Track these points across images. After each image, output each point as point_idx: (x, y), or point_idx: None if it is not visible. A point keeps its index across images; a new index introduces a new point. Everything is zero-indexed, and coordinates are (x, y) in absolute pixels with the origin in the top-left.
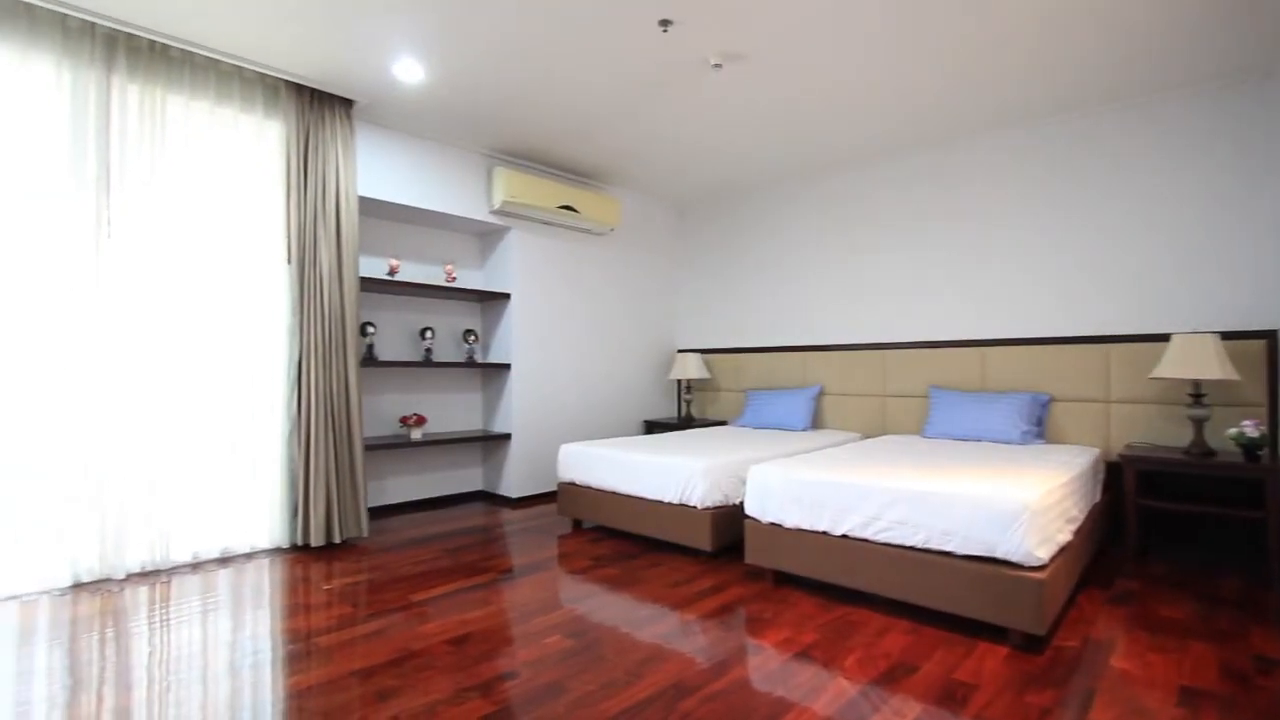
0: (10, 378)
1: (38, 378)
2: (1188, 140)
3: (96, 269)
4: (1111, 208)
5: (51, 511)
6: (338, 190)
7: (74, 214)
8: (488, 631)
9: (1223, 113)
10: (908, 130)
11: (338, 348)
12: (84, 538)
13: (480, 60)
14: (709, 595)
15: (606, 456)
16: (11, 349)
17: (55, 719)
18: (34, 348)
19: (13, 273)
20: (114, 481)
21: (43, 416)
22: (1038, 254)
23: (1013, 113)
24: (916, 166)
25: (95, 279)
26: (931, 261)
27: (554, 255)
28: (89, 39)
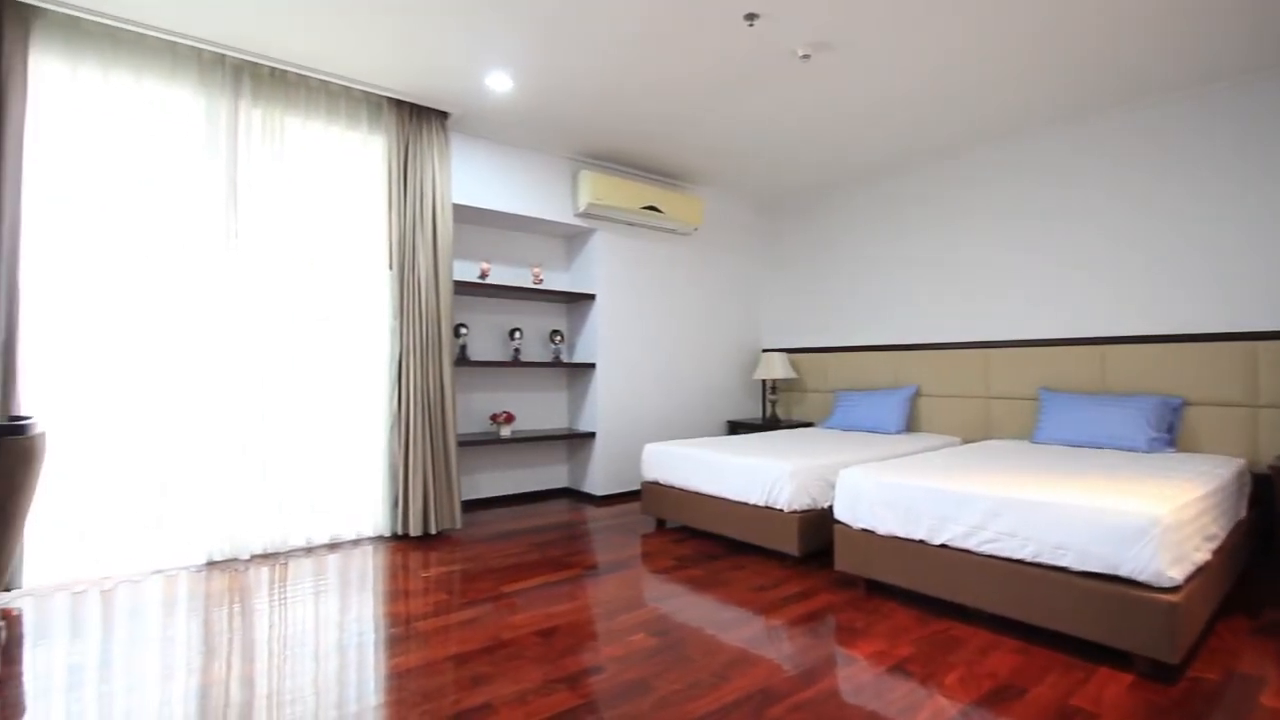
0: (151, 377)
1: (175, 377)
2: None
3: (225, 275)
4: (1254, 190)
5: (188, 497)
6: (434, 199)
7: (208, 224)
8: (574, 625)
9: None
10: (1008, 117)
11: (433, 348)
12: (215, 522)
13: (566, 67)
14: (796, 601)
15: (691, 456)
16: (152, 351)
17: (192, 684)
18: (171, 349)
19: (155, 278)
20: (240, 471)
21: (180, 412)
22: (1165, 242)
23: (1132, 92)
24: (1020, 153)
25: (224, 284)
26: (1040, 254)
27: (638, 256)
28: (220, 69)
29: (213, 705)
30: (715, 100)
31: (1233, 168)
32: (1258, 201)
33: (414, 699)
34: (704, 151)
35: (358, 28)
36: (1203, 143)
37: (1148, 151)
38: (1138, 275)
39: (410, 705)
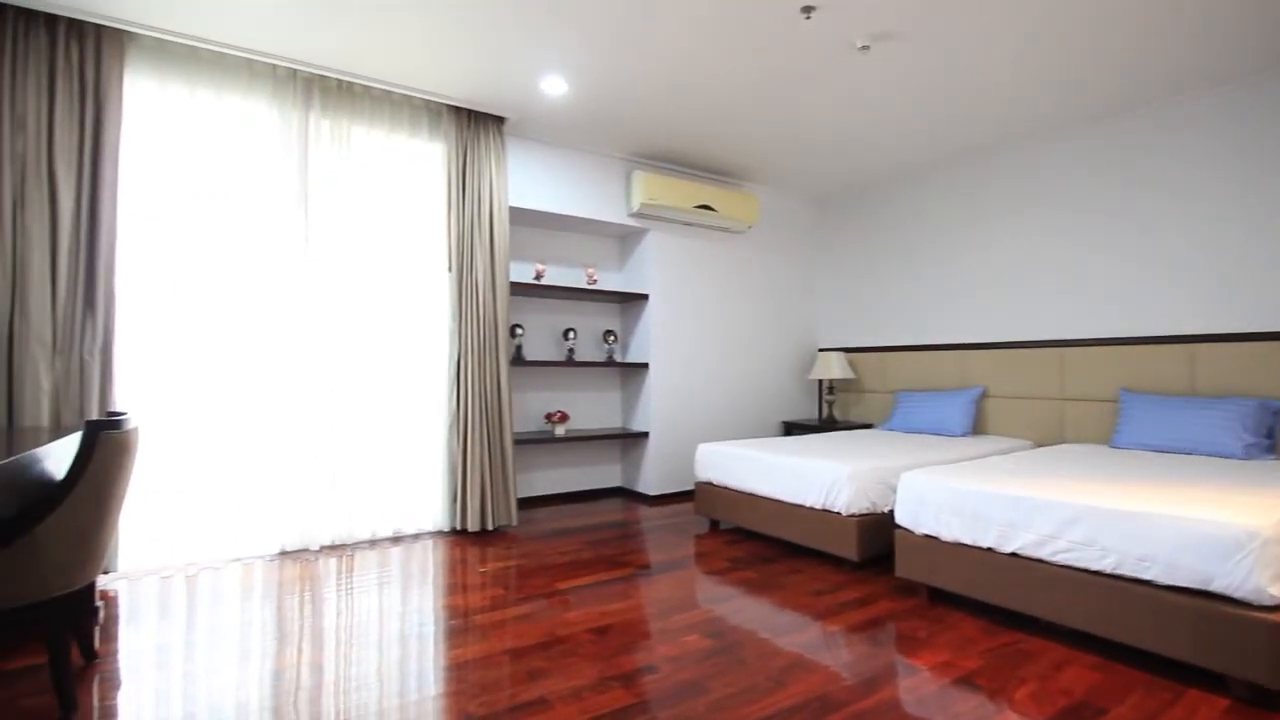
0: (231, 378)
1: (252, 377)
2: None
3: (298, 279)
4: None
5: (263, 491)
6: (491, 202)
7: (283, 231)
8: (628, 624)
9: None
10: (1082, 105)
11: (490, 348)
12: (288, 514)
13: (620, 68)
14: (855, 607)
15: (745, 457)
16: (231, 352)
17: (267, 667)
18: (248, 351)
19: (234, 282)
20: (311, 466)
21: (256, 409)
22: (1265, 233)
23: (1221, 76)
24: (1091, 143)
25: (297, 288)
26: (1119, 247)
27: (691, 255)
28: (292, 83)
29: (285, 688)
30: (771, 96)
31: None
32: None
33: (472, 690)
34: (759, 149)
35: (419, 40)
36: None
37: (1239, 136)
38: (1232, 269)
39: (469, 696)
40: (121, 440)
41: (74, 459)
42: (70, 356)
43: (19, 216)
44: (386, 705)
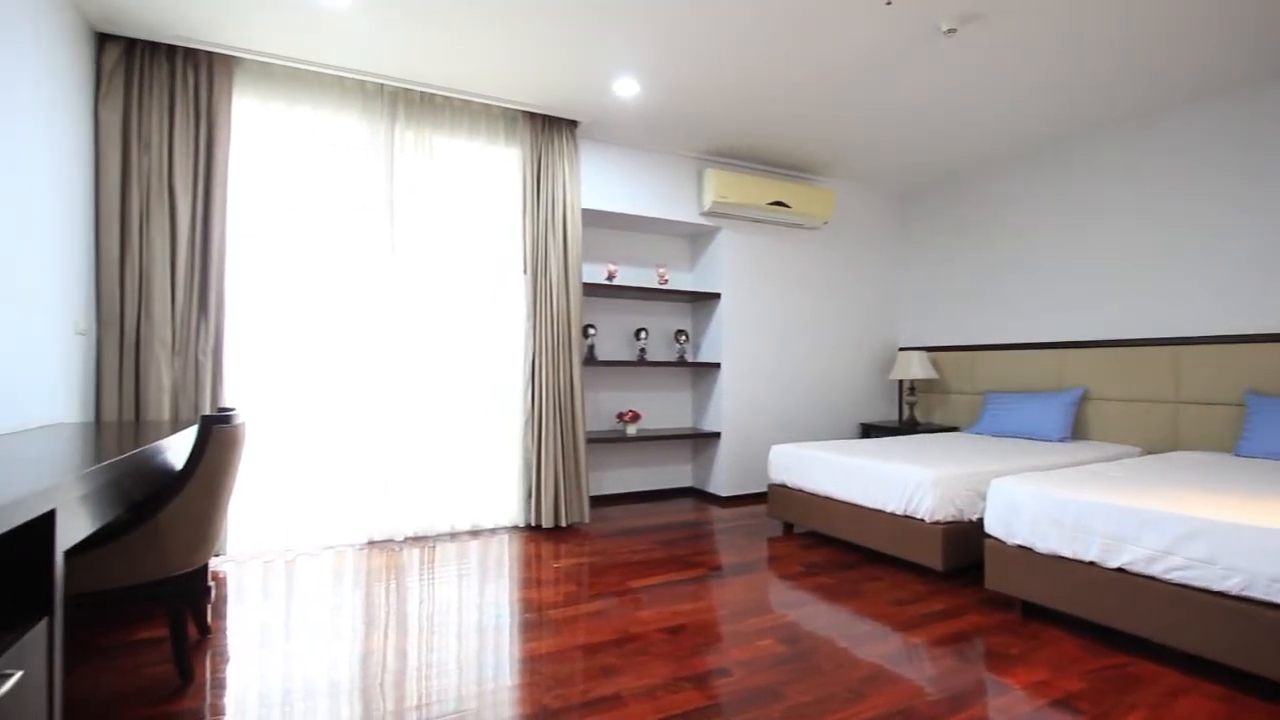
0: (325, 377)
1: (345, 377)
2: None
3: (386, 283)
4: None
5: (354, 484)
6: (564, 205)
7: (372, 236)
8: (700, 626)
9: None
10: (1192, 82)
11: (564, 348)
12: (375, 506)
13: (693, 67)
14: (940, 619)
15: (821, 459)
16: (326, 353)
17: (356, 649)
18: (342, 352)
19: (328, 286)
20: (396, 462)
21: (348, 407)
22: None
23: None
24: (1206, 122)
25: (385, 291)
26: (1242, 234)
27: (764, 253)
28: (380, 97)
29: (372, 670)
30: (849, 88)
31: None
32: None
33: (547, 683)
34: (836, 142)
35: (497, 51)
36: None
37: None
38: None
39: (544, 689)
40: (231, 434)
41: (191, 451)
42: (186, 357)
43: (144, 230)
44: (465, 692)
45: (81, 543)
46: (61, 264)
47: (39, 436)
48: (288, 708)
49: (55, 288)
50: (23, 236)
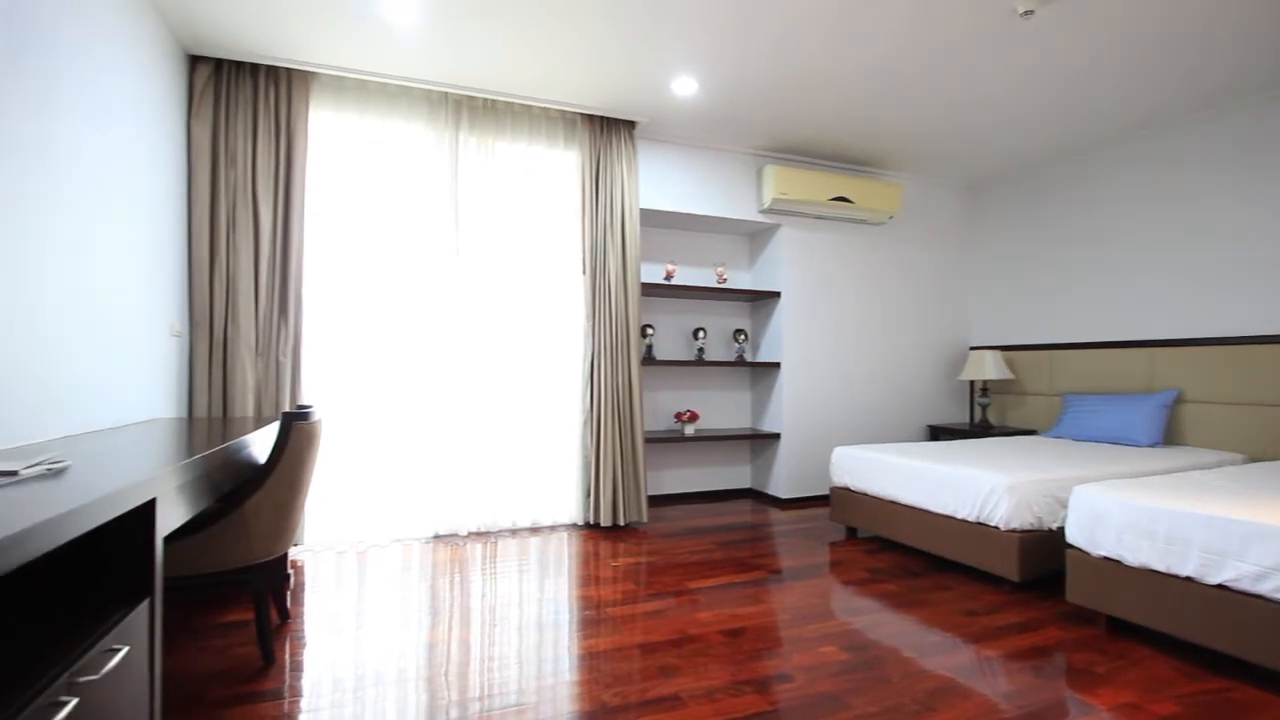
0: (394, 376)
1: (412, 376)
2: None
3: (450, 284)
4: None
5: (420, 480)
6: (623, 206)
7: (437, 239)
8: (760, 629)
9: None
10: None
11: (622, 348)
12: (440, 502)
13: (753, 62)
14: (1015, 632)
15: (887, 463)
16: (394, 354)
17: (422, 638)
18: (409, 352)
19: (397, 288)
20: (459, 458)
21: (415, 405)
22: None
23: None
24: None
25: (449, 293)
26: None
27: (826, 250)
28: (444, 105)
29: (437, 660)
30: (918, 77)
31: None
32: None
33: (606, 680)
34: (902, 134)
35: (558, 56)
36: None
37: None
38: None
39: (603, 686)
40: (309, 430)
41: (273, 445)
42: (268, 357)
43: (231, 238)
44: (525, 685)
45: (176, 530)
46: (159, 271)
47: (139, 431)
48: (359, 692)
49: (153, 293)
50: (126, 247)
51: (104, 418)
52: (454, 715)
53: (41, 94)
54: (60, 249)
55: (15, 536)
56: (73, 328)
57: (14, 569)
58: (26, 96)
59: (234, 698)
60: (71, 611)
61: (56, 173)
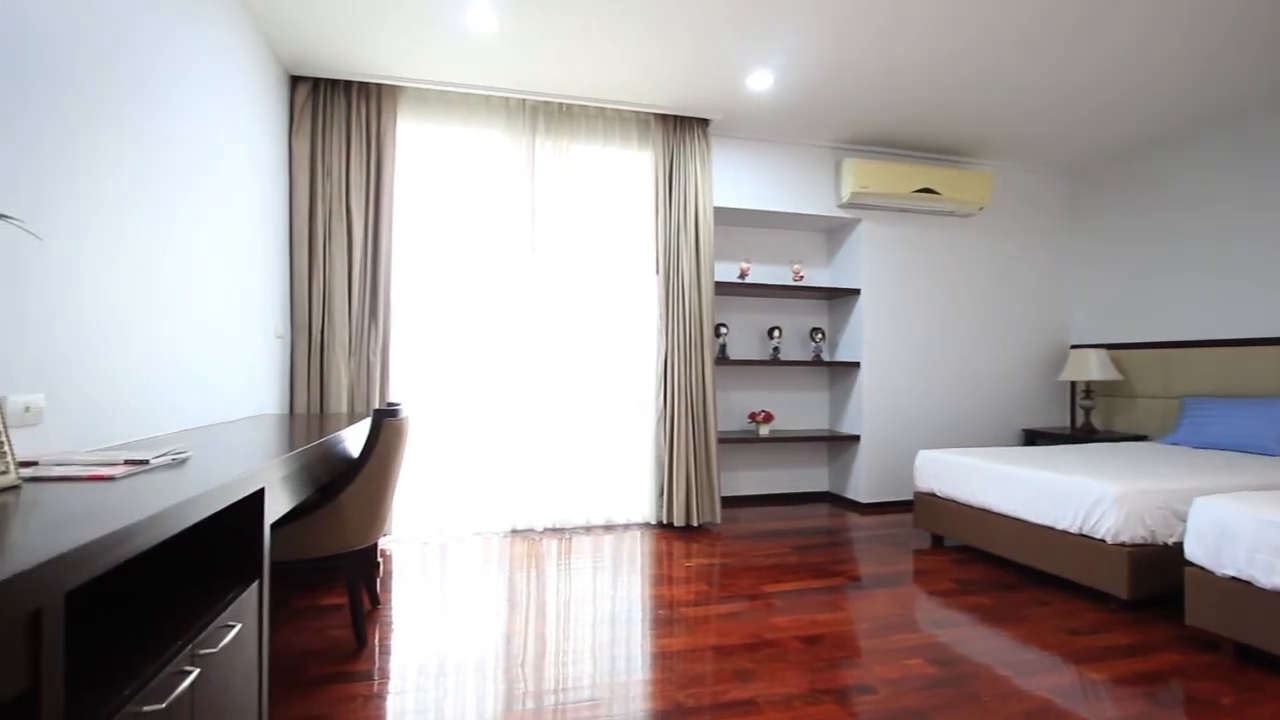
0: (473, 376)
1: (491, 376)
2: None
3: (527, 286)
4: None
5: (499, 475)
6: (696, 204)
7: (515, 241)
8: (839, 637)
9: None
10: None
11: (695, 347)
12: (517, 497)
13: (830, 51)
14: (1125, 655)
15: (978, 468)
16: (474, 354)
17: (499, 629)
18: (488, 353)
19: (477, 290)
20: (535, 455)
21: (494, 403)
22: None
23: None
24: None
25: (526, 295)
26: None
27: (909, 244)
28: (521, 111)
29: (514, 651)
30: (1004, 58)
31: None
32: None
33: (680, 680)
34: (993, 119)
35: (633, 58)
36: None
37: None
38: None
39: (677, 686)
40: (398, 426)
41: (366, 440)
42: (360, 357)
43: (327, 246)
44: (599, 681)
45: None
46: (265, 278)
47: (247, 426)
48: (441, 678)
49: (260, 299)
50: (237, 256)
51: (218, 413)
52: (530, 706)
53: (173, 120)
54: (184, 260)
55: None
56: (192, 330)
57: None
58: (161, 122)
59: (330, 676)
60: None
61: (180, 189)
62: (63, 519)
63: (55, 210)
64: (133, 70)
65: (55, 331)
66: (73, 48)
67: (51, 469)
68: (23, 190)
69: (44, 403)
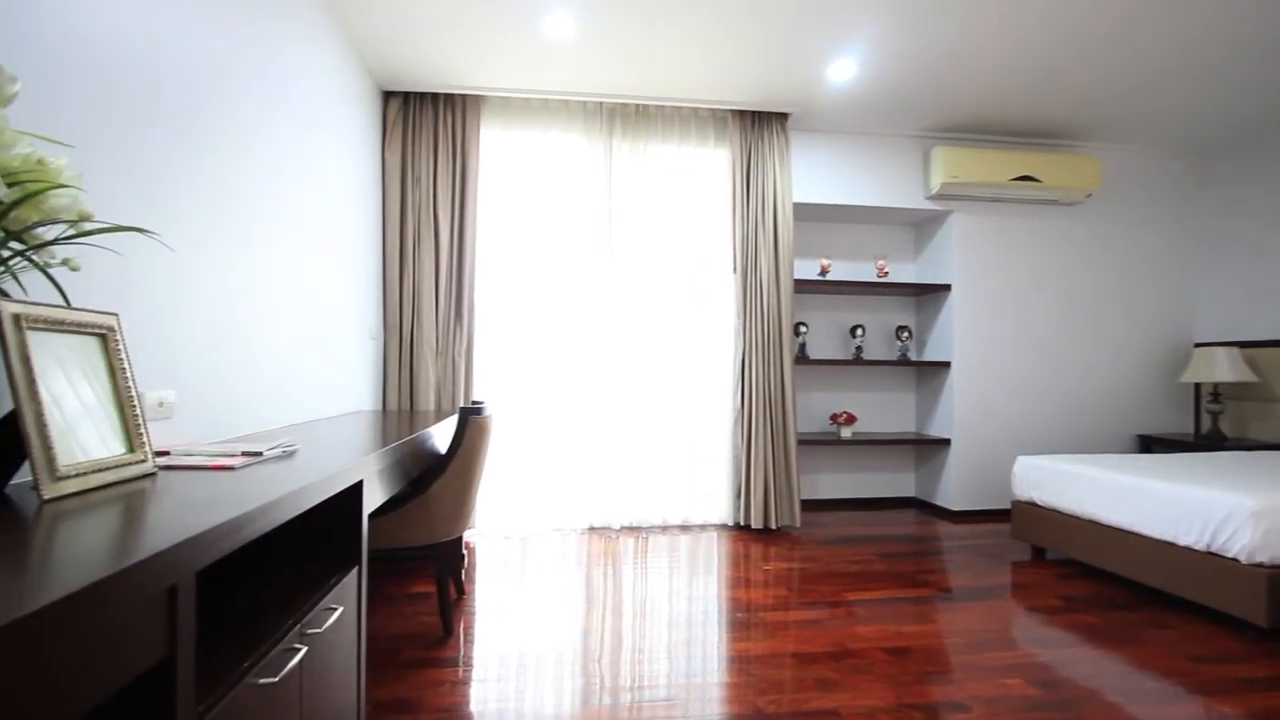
0: (551, 375)
1: (569, 376)
2: None
3: (604, 286)
4: None
5: (577, 473)
6: (775, 201)
7: (593, 242)
8: (929, 651)
9: None
10: None
11: (774, 347)
12: (594, 495)
13: (918, 35)
14: (1264, 688)
15: (1085, 476)
16: (553, 354)
17: (577, 624)
18: (567, 354)
19: (557, 292)
20: (612, 454)
21: (572, 402)
22: None
23: None
24: None
25: (603, 295)
26: None
27: (1006, 236)
28: (599, 114)
29: (591, 647)
30: (1114, 30)
31: None
32: None
33: (760, 685)
34: (1099, 99)
35: (711, 55)
36: None
37: None
38: None
39: (756, 691)
40: (482, 423)
41: (453, 436)
42: (446, 357)
43: (416, 251)
44: (674, 681)
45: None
46: (361, 282)
47: (345, 421)
48: (522, 669)
49: (357, 302)
50: (339, 264)
51: (319, 409)
52: (606, 702)
53: (286, 142)
54: (292, 269)
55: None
56: (298, 333)
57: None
58: (276, 144)
59: (420, 660)
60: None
61: (291, 205)
62: (192, 504)
63: (184, 226)
64: (252, 98)
65: (184, 334)
66: (202, 80)
67: (181, 458)
68: (157, 206)
69: (174, 398)
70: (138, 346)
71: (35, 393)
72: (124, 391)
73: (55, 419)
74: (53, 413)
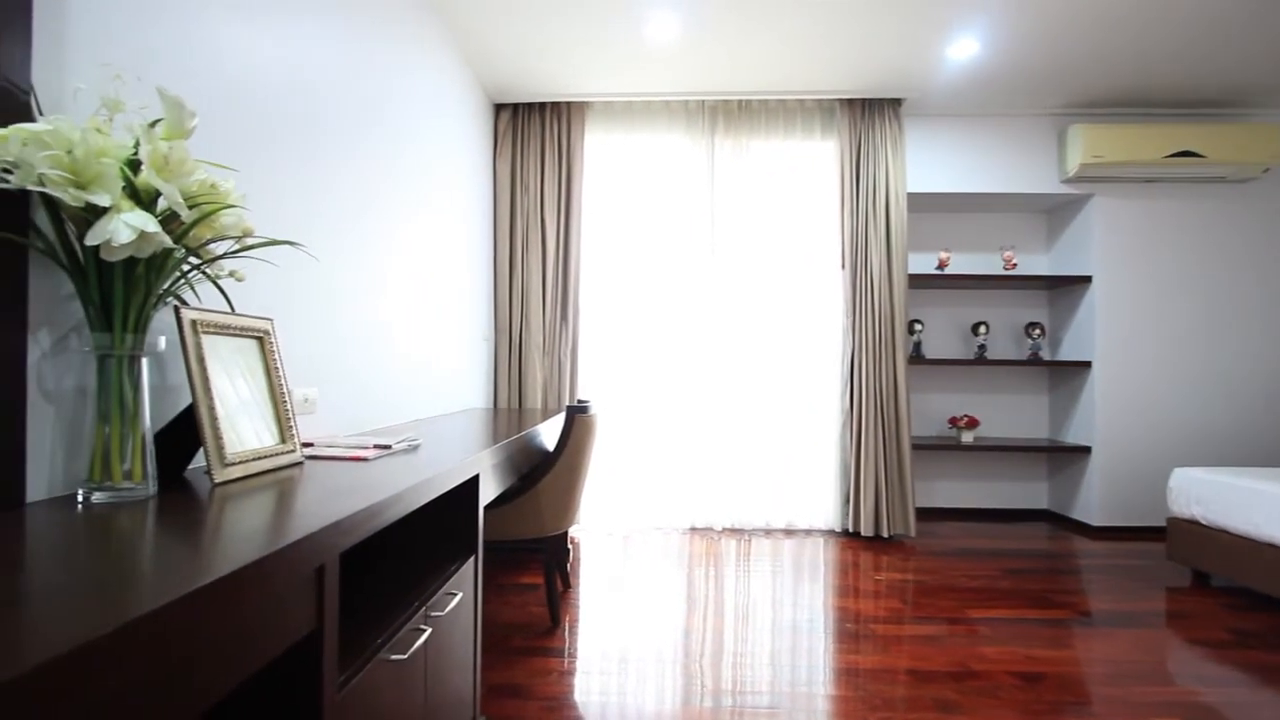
0: (654, 376)
1: (671, 376)
2: None
3: (706, 285)
4: None
5: (679, 473)
6: (887, 192)
7: (695, 241)
8: (1066, 679)
9: None
10: None
11: (886, 345)
12: (696, 495)
13: (1048, 2)
14: None
15: (1263, 492)
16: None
17: (678, 624)
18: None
19: (660, 292)
20: (714, 454)
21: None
22: None
23: None
24: None
25: (705, 294)
26: None
27: (1158, 220)
28: (700, 113)
29: (692, 647)
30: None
31: None
32: None
33: (872, 701)
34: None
35: (818, 45)
36: None
37: None
38: None
39: (868, 707)
40: (588, 422)
41: (560, 434)
42: (553, 357)
43: (524, 255)
44: (778, 689)
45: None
46: (475, 288)
47: (461, 418)
48: (624, 664)
49: (472, 306)
50: (456, 270)
51: (437, 406)
52: (708, 704)
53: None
54: (417, 275)
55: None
56: (422, 334)
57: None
58: (409, 162)
59: (529, 649)
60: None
61: (419, 216)
62: (334, 491)
63: (330, 239)
64: (389, 121)
65: (325, 336)
66: (353, 106)
67: (323, 450)
68: (306, 218)
69: (317, 395)
70: (287, 347)
71: (209, 389)
72: (277, 388)
73: (223, 412)
74: (221, 407)
